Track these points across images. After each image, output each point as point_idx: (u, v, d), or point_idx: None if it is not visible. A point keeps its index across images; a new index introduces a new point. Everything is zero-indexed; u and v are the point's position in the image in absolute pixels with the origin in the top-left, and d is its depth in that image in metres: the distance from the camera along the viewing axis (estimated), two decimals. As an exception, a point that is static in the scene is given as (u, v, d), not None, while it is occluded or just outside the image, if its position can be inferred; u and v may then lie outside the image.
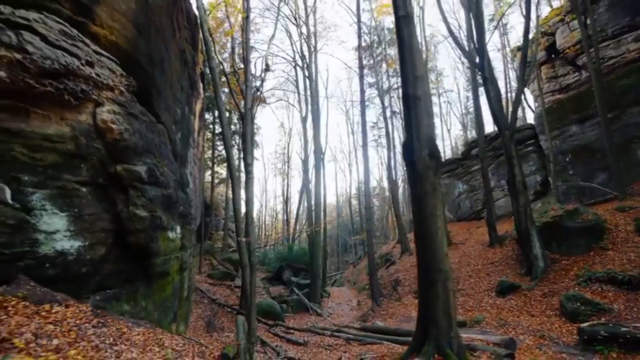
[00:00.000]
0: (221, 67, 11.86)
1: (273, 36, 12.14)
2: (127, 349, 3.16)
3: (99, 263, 4.35)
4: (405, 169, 26.91)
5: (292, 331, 9.88)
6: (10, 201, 3.23)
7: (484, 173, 15.16)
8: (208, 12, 11.26)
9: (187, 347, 4.36)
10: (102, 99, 4.17)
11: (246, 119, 8.28)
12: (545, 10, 21.59)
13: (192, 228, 8.96)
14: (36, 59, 3.39)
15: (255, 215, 46.50)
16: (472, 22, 10.98)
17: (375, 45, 24.00)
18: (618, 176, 12.80)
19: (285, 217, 32.58)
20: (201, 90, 10.40)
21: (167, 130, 6.12)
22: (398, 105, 26.92)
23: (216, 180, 27.37)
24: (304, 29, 17.30)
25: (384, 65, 26.19)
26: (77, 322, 3.17)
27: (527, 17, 9.89)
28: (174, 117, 6.81)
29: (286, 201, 33.38)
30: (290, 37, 18.14)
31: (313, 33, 17.72)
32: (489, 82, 10.63)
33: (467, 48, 12.62)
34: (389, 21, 25.82)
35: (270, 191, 54.67)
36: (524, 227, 10.61)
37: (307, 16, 17.48)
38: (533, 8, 12.24)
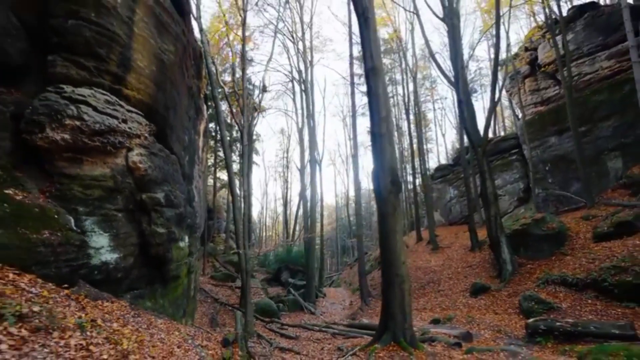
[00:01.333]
0: (223, 88, 13.19)
1: (270, 59, 13.51)
2: (156, 332, 4.51)
3: (129, 270, 5.72)
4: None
5: (286, 327, 11.23)
6: (74, 227, 4.61)
7: (466, 183, 16.43)
8: (209, 40, 12.60)
9: (197, 333, 5.74)
10: (132, 145, 5.54)
11: (244, 155, 9.64)
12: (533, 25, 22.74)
13: (197, 236, 10.34)
14: (90, 124, 4.76)
15: (256, 216, 47.85)
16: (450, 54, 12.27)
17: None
18: (587, 186, 14.06)
19: (285, 219, 33.93)
20: (205, 112, 11.77)
21: (178, 159, 7.49)
22: (394, 112, 28.15)
23: (218, 185, 28.77)
24: (300, 45, 18.64)
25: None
26: (121, 313, 4.53)
27: (497, 46, 11.18)
28: (183, 145, 8.19)
29: (285, 204, 34.70)
30: (287, 51, 19.46)
31: (309, 48, 19.05)
32: (464, 104, 11.94)
33: (447, 72, 13.94)
34: (384, 32, 27.01)
35: (271, 194, 56.05)
36: (495, 235, 11.92)
37: (303, 33, 18.80)
38: (504, 34, 13.47)
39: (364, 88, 28.62)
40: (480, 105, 40.57)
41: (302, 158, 18.84)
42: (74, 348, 2.51)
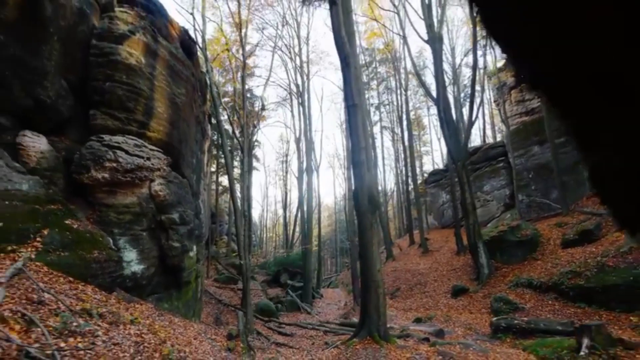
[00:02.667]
0: (226, 109, 14.55)
1: (269, 76, 14.84)
2: (176, 327, 5.89)
3: (151, 277, 7.11)
4: (395, 181, 29.55)
5: (283, 326, 12.61)
6: (113, 246, 5.99)
7: (452, 190, 17.72)
8: (212, 64, 13.97)
9: (207, 329, 7.13)
10: (154, 177, 6.92)
11: (243, 174, 10.99)
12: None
13: (202, 244, 11.74)
14: (123, 164, 6.14)
15: (257, 218, 49.24)
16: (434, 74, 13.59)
17: (366, 65, 26.53)
18: (563, 194, 15.36)
19: (284, 222, 35.29)
20: (209, 132, 13.15)
21: (188, 181, 8.87)
22: (389, 119, 29.46)
23: (220, 189, 30.20)
24: (297, 60, 19.98)
25: (374, 82, 28.63)
26: (149, 312, 5.91)
27: (474, 70, 12.48)
28: (192, 168, 9.57)
29: (285, 208, 36.05)
30: (285, 65, 20.81)
31: (306, 62, 20.41)
32: (445, 122, 13.26)
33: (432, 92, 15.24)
34: (380, 42, 28.25)
35: (271, 196, 57.49)
36: (473, 241, 13.26)
37: (300, 48, 20.15)
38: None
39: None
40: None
41: (299, 167, 20.21)
42: (133, 335, 3.86)
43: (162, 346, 4.00)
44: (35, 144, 5.57)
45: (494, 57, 19.78)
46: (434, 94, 14.37)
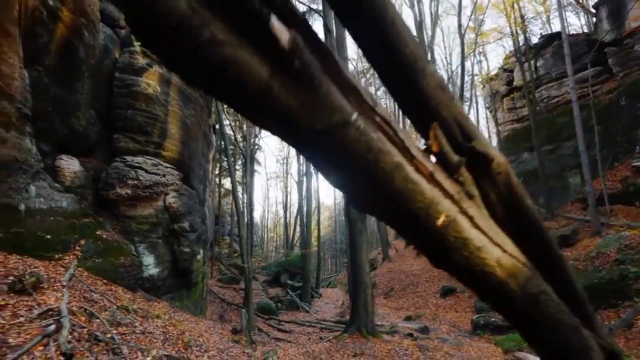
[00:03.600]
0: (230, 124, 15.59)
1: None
2: (189, 322, 6.92)
3: (165, 279, 8.14)
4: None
5: (282, 323, 13.65)
6: (134, 253, 7.03)
7: None
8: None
9: (214, 324, 8.18)
10: (168, 191, 7.95)
11: (246, 189, 11.97)
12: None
13: (207, 247, 12.77)
14: (143, 181, 7.18)
15: (258, 218, 50.26)
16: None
17: (364, 71, 27.50)
18: (548, 200, 16.33)
19: (285, 223, 36.35)
20: (214, 142, 14.17)
21: (196, 191, 9.90)
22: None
23: (222, 190, 31.27)
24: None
25: (372, 88, 29.55)
26: (166, 310, 6.94)
27: (462, 87, 13.46)
28: (199, 179, 10.60)
29: (286, 209, 37.06)
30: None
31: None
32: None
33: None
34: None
35: (272, 197, 58.60)
36: (461, 245, 14.22)
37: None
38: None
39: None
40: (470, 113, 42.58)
41: (299, 171, 21.22)
42: (160, 327, 4.88)
43: (182, 336, 5.02)
44: (70, 165, 6.61)
45: (487, 66, 20.66)
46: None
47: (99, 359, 3.18)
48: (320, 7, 10.18)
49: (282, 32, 0.72)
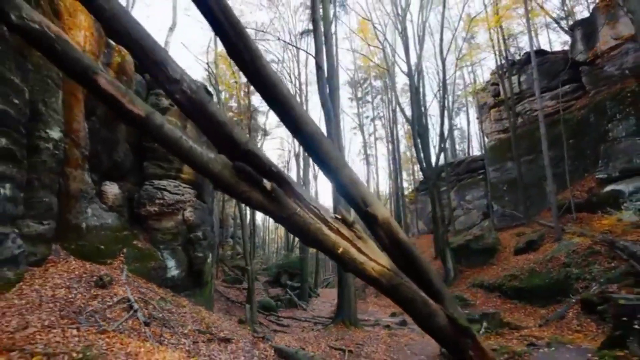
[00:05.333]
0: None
1: (269, 111, 17.69)
2: (204, 313, 8.87)
3: (183, 279, 10.11)
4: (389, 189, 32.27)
5: (281, 319, 15.60)
6: (161, 258, 9.01)
7: (432, 197, 20.39)
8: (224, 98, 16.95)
9: (223, 316, 10.15)
10: (186, 207, 9.93)
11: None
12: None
13: (214, 251, 14.75)
14: (167, 200, 9.16)
15: (260, 220, 52.21)
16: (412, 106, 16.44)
17: (359, 83, 29.39)
18: (526, 207, 18.18)
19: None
20: (219, 156, 16.14)
21: (207, 204, 11.87)
22: (383, 131, 32.24)
23: (225, 196, 33.23)
24: (297, 83, 22.90)
25: (369, 97, 31.41)
26: (186, 303, 8.90)
27: (442, 106, 15.31)
28: (209, 192, 12.56)
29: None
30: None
31: (304, 83, 23.31)
32: (416, 147, 16.10)
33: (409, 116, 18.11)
34: (376, 59, 30.89)
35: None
36: (442, 248, 16.15)
37: (299, 72, 23.05)
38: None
39: (354, 110, 32.98)
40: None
41: (297, 177, 23.13)
42: (188, 313, 6.83)
43: (204, 320, 6.96)
44: (111, 189, 8.59)
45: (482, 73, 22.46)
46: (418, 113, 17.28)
47: (158, 329, 5.12)
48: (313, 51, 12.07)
49: (267, 184, 2.68)
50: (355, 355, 7.66)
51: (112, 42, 7.99)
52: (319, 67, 11.41)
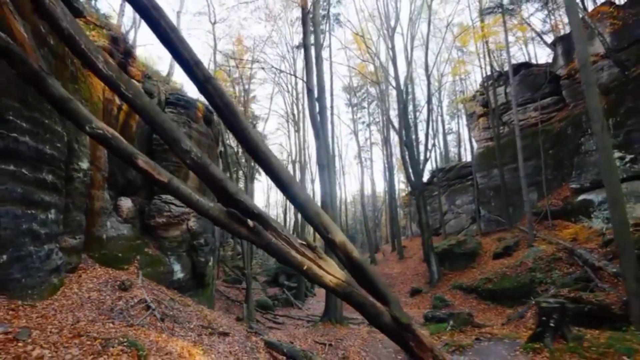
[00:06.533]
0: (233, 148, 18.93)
1: (269, 110, 19.07)
2: (206, 312, 10.24)
3: (187, 281, 11.49)
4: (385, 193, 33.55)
5: (277, 317, 17.01)
6: (168, 263, 10.39)
7: (418, 204, 21.75)
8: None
9: (223, 314, 11.54)
10: (190, 217, 11.30)
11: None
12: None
13: (215, 253, 16.14)
14: (174, 212, 10.54)
15: (259, 222, 53.71)
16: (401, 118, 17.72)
17: (355, 90, 30.65)
18: (508, 213, 19.48)
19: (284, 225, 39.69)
20: (220, 166, 17.50)
21: (208, 213, 13.24)
22: (380, 135, 33.47)
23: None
24: (294, 93, 24.21)
25: (365, 102, 32.64)
26: (189, 302, 10.29)
27: (428, 121, 16.59)
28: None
29: (285, 212, 40.39)
30: (283, 96, 25.02)
31: (301, 93, 24.58)
32: (406, 157, 17.39)
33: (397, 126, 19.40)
34: (371, 67, 32.09)
35: (273, 202, 61.81)
36: (427, 252, 17.49)
37: (296, 82, 24.32)
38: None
39: (348, 116, 34.19)
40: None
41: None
42: (194, 311, 8.20)
43: (206, 317, 8.34)
44: (125, 204, 9.98)
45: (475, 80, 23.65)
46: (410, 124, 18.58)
47: (170, 324, 6.49)
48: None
49: (250, 222, 4.08)
50: (334, 347, 9.03)
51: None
52: (309, 90, 12.73)
